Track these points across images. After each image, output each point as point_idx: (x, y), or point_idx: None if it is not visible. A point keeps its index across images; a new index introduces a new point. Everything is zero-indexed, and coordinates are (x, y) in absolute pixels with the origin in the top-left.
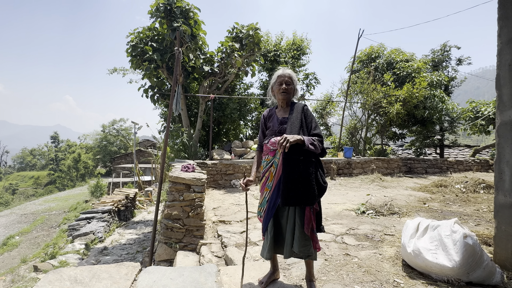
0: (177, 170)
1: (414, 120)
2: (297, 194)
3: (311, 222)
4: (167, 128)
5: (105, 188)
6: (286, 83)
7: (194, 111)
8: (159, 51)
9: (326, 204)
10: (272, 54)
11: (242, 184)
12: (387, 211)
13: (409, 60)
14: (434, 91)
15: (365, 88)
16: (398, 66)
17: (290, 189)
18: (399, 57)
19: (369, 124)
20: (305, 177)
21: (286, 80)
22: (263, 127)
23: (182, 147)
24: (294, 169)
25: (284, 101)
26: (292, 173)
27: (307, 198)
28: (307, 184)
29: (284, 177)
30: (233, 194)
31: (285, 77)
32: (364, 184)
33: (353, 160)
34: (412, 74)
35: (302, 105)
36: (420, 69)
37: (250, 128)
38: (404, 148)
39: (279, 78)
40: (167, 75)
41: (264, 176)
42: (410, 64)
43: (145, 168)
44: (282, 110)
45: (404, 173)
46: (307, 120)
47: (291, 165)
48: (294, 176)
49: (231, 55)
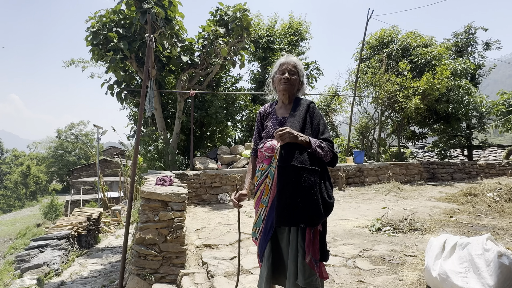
0: (151, 183)
1: (436, 117)
2: (295, 211)
3: (312, 247)
4: (138, 132)
5: (61, 208)
6: (290, 73)
7: (171, 111)
8: (126, 38)
9: (334, 220)
10: (265, 40)
11: (233, 200)
12: (407, 227)
13: (428, 45)
14: (458, 81)
15: (377, 79)
16: (415, 52)
17: (286, 205)
18: (416, 42)
19: (383, 122)
20: (305, 189)
21: (290, 69)
22: (259, 126)
23: (157, 155)
24: (291, 180)
25: (286, 95)
26: (288, 184)
27: (309, 217)
28: (308, 199)
29: (278, 189)
30: (221, 211)
31: (289, 65)
32: (379, 195)
33: (365, 166)
34: (432, 62)
35: (308, 102)
36: (442, 56)
37: (240, 130)
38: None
39: (281, 67)
40: (137, 67)
41: (258, 189)
42: (430, 50)
43: (111, 182)
44: (283, 107)
45: (426, 180)
46: (314, 121)
47: (288, 174)
48: (290, 189)
49: (215, 42)
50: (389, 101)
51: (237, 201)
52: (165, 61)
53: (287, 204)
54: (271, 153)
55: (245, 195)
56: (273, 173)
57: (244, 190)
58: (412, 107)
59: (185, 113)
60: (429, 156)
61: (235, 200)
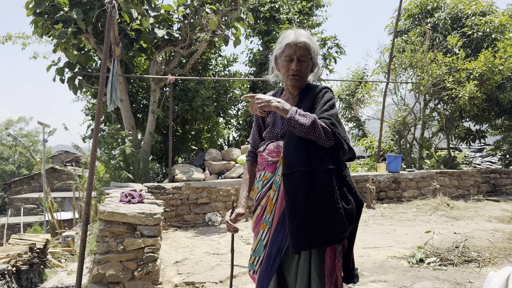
0: (113, 201)
1: (498, 109)
2: (314, 229)
3: (335, 273)
4: (96, 132)
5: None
6: (300, 59)
7: (142, 103)
8: (81, 5)
9: (361, 249)
10: (267, 9)
11: (228, 222)
12: (459, 258)
13: (487, 13)
14: None
15: (419, 59)
16: (470, 22)
17: (301, 222)
18: (471, 9)
19: (427, 116)
20: (323, 198)
21: (300, 54)
22: (259, 123)
23: (124, 163)
24: (301, 189)
25: (295, 87)
26: (299, 195)
27: (332, 233)
28: (329, 210)
29: (288, 204)
30: (209, 236)
31: (299, 48)
32: (422, 214)
33: (403, 176)
34: (493, 35)
35: (320, 88)
36: (505, 27)
37: (235, 129)
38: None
39: (288, 49)
40: (95, 44)
41: (259, 205)
42: (489, 19)
43: (63, 199)
44: (290, 98)
45: (486, 194)
46: (320, 102)
47: (297, 182)
48: (303, 201)
49: (200, 11)
50: (434, 89)
51: (233, 224)
52: (133, 35)
53: (302, 222)
54: (275, 157)
55: (242, 215)
56: (279, 183)
57: (241, 207)
58: (466, 96)
59: (161, 106)
60: (490, 162)
61: (230, 222)
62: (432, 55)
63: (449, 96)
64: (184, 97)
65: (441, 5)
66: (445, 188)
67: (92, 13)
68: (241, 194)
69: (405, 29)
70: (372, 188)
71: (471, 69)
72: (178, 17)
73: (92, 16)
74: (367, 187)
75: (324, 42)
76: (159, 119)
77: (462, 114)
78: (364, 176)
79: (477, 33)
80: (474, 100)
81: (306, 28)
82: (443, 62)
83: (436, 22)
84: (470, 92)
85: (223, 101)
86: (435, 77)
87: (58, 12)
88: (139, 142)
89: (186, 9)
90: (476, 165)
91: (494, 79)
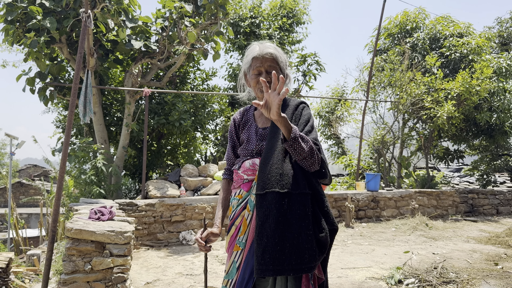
0: (82, 217)
1: (475, 129)
2: (281, 255)
3: None
4: (65, 145)
5: None
6: (268, 70)
7: (116, 116)
8: (55, 14)
9: (339, 269)
10: (248, 24)
11: (199, 240)
12: (438, 279)
13: (464, 35)
14: (504, 82)
15: (398, 78)
16: (447, 43)
17: (268, 247)
18: (449, 30)
19: (406, 135)
20: (293, 223)
21: (268, 66)
22: (234, 139)
23: (95, 178)
24: (271, 212)
25: None
26: (269, 218)
27: (299, 261)
28: (298, 236)
29: (257, 226)
30: (183, 256)
31: (266, 60)
32: (401, 234)
33: (382, 195)
34: (470, 56)
35: (296, 103)
36: (482, 49)
37: (213, 144)
38: (463, 174)
39: (255, 62)
40: (69, 55)
41: (233, 225)
42: (466, 41)
43: (29, 216)
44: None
45: (464, 214)
46: (300, 121)
47: (268, 204)
48: (273, 225)
49: (179, 24)
50: (413, 108)
51: (203, 242)
52: (109, 47)
53: (269, 246)
54: (251, 175)
55: (216, 235)
56: (254, 203)
57: (215, 227)
58: (444, 116)
59: (136, 119)
60: (468, 182)
61: (201, 241)
62: (411, 74)
63: (428, 115)
64: (161, 110)
65: (420, 25)
66: (424, 208)
67: (67, 23)
68: (217, 214)
69: (385, 48)
70: (351, 206)
71: (449, 89)
72: (156, 29)
73: (66, 26)
74: (346, 205)
75: (304, 59)
76: (134, 132)
77: (441, 133)
78: (343, 195)
79: (454, 54)
80: (452, 120)
81: (287, 45)
82: (422, 81)
83: (415, 42)
84: (448, 112)
85: (201, 116)
86: (414, 96)
87: (30, 21)
88: (112, 156)
89: (165, 22)
90: (454, 185)
91: (471, 100)
